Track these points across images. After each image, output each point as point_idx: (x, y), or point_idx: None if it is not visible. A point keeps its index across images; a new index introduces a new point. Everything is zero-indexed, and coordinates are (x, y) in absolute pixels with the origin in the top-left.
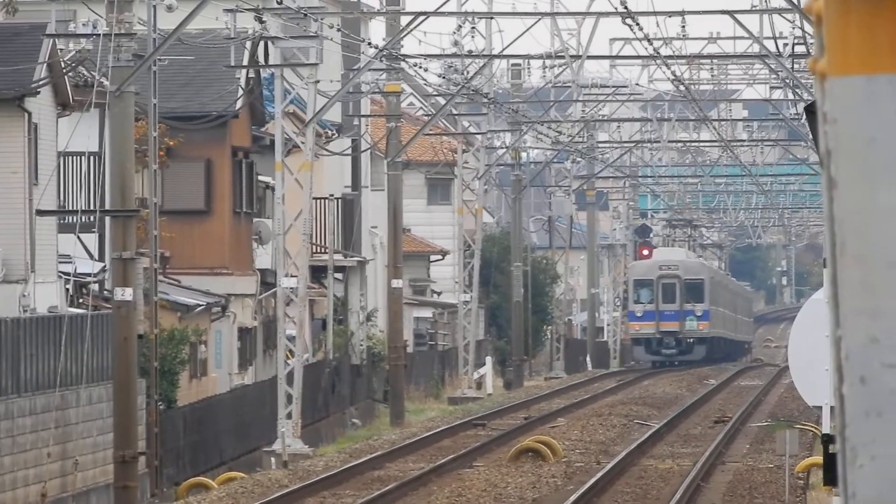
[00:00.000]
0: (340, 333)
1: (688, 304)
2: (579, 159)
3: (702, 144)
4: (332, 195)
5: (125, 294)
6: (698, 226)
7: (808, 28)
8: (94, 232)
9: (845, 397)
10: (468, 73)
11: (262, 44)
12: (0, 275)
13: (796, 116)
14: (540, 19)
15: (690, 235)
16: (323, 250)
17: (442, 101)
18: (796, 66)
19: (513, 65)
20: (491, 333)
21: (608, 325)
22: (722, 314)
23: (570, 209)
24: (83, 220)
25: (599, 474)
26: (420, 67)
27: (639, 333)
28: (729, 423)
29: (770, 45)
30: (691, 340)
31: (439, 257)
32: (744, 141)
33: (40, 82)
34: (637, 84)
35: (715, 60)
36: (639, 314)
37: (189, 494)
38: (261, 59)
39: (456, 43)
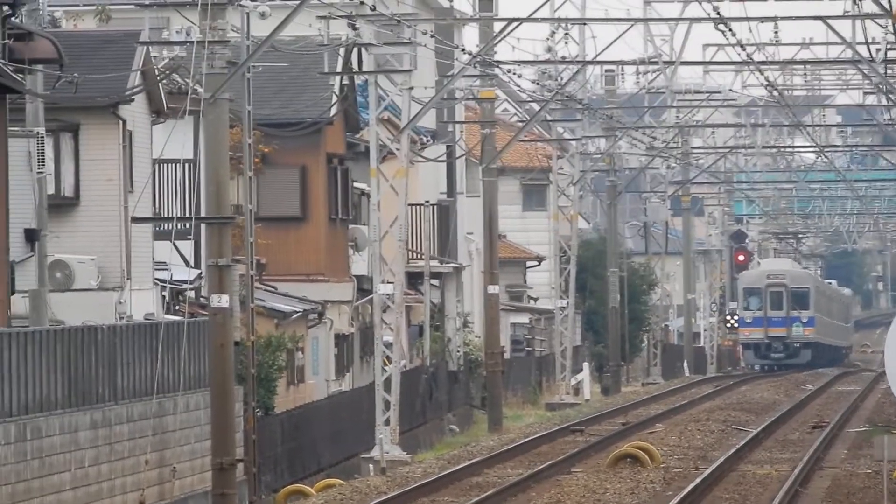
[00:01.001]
0: (437, 339)
1: (794, 311)
2: (674, 165)
3: (796, 150)
4: (427, 201)
5: (221, 301)
6: (801, 236)
7: None
8: (189, 239)
9: None
10: (562, 79)
11: (355, 50)
12: (96, 282)
13: (890, 122)
14: (633, 25)
15: (795, 248)
16: (419, 256)
17: (536, 107)
18: (890, 71)
19: (606, 71)
20: (588, 339)
21: (705, 330)
22: (825, 321)
23: (666, 215)
24: (178, 227)
25: (698, 480)
26: (514, 73)
27: (748, 339)
28: (827, 428)
29: (863, 50)
30: (797, 345)
31: (535, 263)
32: (838, 146)
33: (134, 90)
34: (730, 90)
35: (808, 66)
36: (748, 320)
37: (287, 501)
38: (354, 66)
39: (549, 49)
